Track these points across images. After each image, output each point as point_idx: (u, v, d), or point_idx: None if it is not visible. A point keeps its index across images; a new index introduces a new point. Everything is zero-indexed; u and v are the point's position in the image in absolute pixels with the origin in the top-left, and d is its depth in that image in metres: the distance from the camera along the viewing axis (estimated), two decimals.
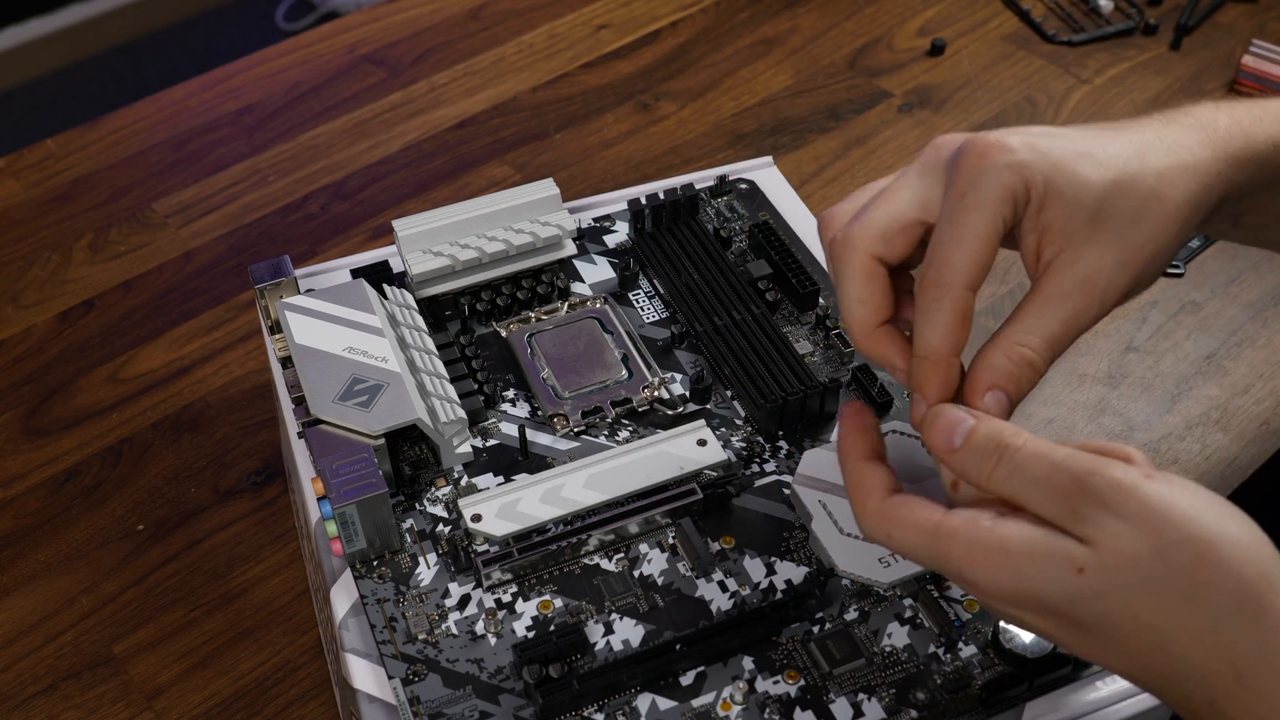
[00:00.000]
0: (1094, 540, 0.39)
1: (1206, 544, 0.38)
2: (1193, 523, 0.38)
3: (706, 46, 1.02)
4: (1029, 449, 0.41)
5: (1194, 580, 0.38)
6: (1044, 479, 0.40)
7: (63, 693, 0.63)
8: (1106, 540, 0.38)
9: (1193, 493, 0.39)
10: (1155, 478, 0.39)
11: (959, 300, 0.45)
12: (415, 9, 1.06)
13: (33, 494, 0.71)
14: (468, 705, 0.49)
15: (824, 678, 0.50)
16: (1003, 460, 0.41)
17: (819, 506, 0.53)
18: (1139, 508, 0.38)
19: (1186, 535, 0.38)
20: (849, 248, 0.47)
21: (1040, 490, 0.40)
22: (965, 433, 0.42)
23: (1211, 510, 0.39)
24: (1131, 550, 0.38)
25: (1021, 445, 0.41)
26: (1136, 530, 0.38)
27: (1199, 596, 0.38)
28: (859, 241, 0.47)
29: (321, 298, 0.58)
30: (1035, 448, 0.41)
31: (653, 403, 0.60)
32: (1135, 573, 0.38)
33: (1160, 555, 0.38)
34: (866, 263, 0.47)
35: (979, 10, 1.05)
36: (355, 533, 0.52)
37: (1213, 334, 0.79)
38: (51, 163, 0.93)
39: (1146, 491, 0.38)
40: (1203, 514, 0.39)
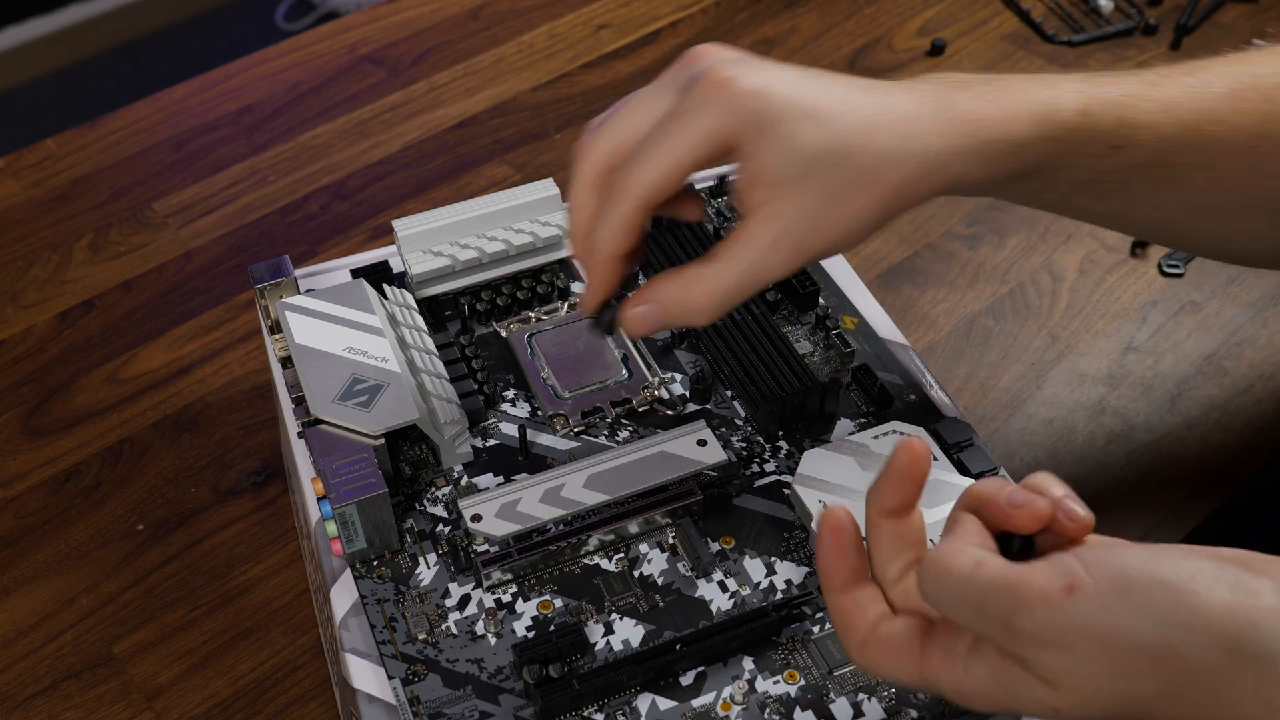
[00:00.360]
0: (1054, 683, 0.38)
1: (1159, 639, 0.37)
2: (1131, 620, 0.37)
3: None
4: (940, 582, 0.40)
5: (1161, 679, 0.37)
6: (977, 619, 0.39)
7: (63, 693, 0.63)
8: (1065, 680, 0.38)
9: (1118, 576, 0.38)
10: (1077, 588, 0.37)
11: (632, 213, 0.46)
12: (415, 9, 1.06)
13: (33, 494, 0.71)
14: (468, 705, 0.49)
15: (824, 678, 0.50)
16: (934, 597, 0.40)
17: (819, 506, 0.53)
18: (1076, 637, 0.37)
19: (1135, 643, 0.37)
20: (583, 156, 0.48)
21: (982, 627, 0.39)
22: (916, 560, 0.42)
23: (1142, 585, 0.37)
24: (1091, 681, 0.37)
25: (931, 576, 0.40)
26: (1084, 658, 0.37)
27: (1177, 693, 0.37)
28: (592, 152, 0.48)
29: (321, 298, 0.58)
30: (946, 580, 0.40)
31: (653, 403, 0.60)
32: (1105, 697, 0.38)
33: (1120, 673, 0.37)
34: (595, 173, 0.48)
35: (979, 10, 1.05)
36: (355, 533, 0.52)
37: (1213, 334, 0.79)
38: (51, 163, 0.93)
39: (1073, 616, 0.37)
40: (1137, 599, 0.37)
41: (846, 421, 0.59)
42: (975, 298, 0.81)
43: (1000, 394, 0.76)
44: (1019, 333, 0.79)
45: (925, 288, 0.82)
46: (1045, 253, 0.84)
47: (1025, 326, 0.80)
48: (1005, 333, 0.79)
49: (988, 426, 0.74)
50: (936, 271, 0.83)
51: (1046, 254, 0.84)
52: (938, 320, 0.80)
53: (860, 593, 0.44)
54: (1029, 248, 0.84)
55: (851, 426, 0.59)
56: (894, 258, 0.84)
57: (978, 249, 0.85)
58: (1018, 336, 0.79)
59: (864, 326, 0.63)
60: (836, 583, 0.44)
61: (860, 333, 0.63)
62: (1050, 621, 0.37)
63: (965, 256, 0.84)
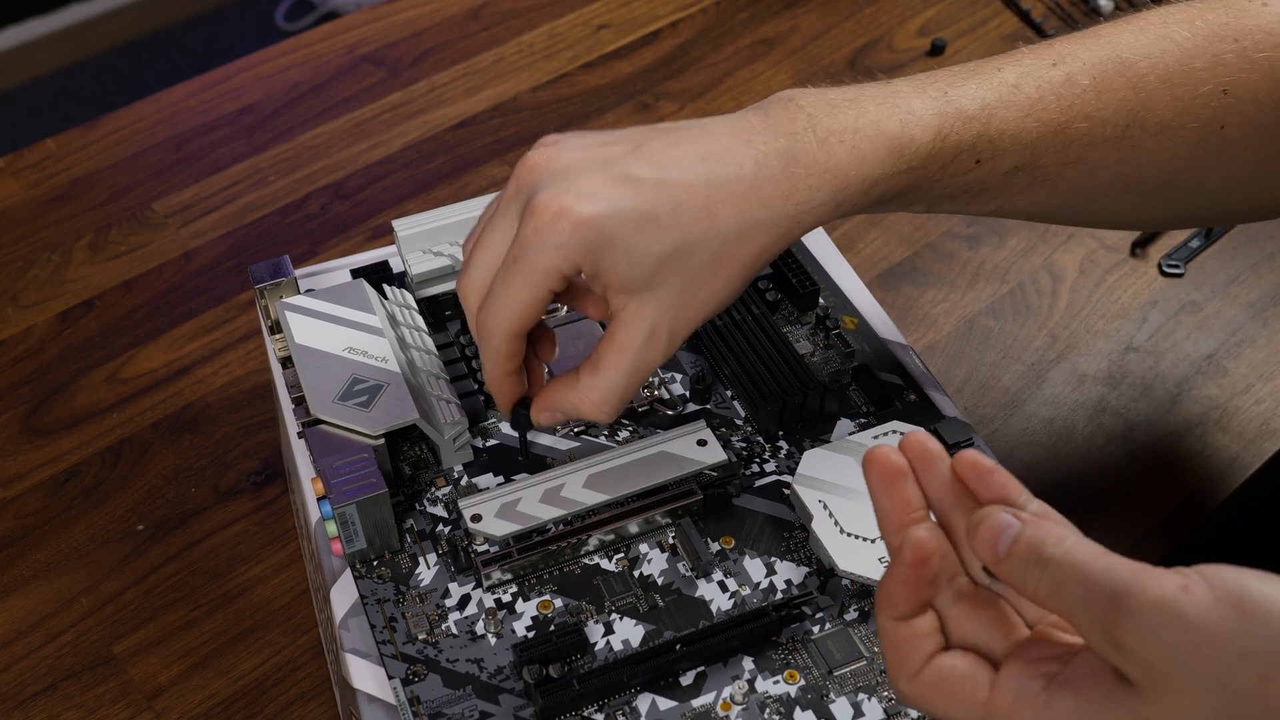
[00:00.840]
0: (1149, 688, 0.35)
1: (1270, 658, 0.34)
2: (1244, 634, 0.34)
3: (706, 46, 1.02)
4: (1067, 560, 0.37)
5: (1266, 705, 0.34)
6: (1082, 599, 0.37)
7: (63, 693, 0.63)
8: (1163, 685, 0.35)
9: (1235, 589, 0.35)
10: (1192, 588, 0.35)
11: (501, 344, 0.49)
12: (415, 9, 1.06)
13: (33, 494, 0.71)
14: (468, 705, 0.49)
15: (824, 678, 0.50)
16: (1045, 572, 0.38)
17: (819, 506, 0.53)
18: (1183, 632, 0.35)
19: (1244, 655, 0.34)
20: (465, 303, 0.50)
21: (1080, 612, 0.37)
22: (1010, 540, 0.38)
23: (1261, 606, 0.35)
24: (1191, 688, 0.35)
25: (1061, 556, 0.37)
26: (1189, 660, 0.34)
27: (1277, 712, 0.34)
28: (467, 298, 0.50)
29: (321, 298, 0.58)
30: (1073, 559, 0.37)
31: (653, 403, 0.60)
32: (1201, 711, 0.35)
33: (1223, 685, 0.34)
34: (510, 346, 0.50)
35: (979, 10, 1.05)
36: (355, 533, 0.52)
37: (1213, 334, 0.79)
38: (51, 163, 0.93)
39: (1187, 610, 0.35)
40: (1253, 615, 0.34)
41: (846, 421, 0.59)
42: (975, 298, 0.81)
43: (1000, 394, 0.76)
44: (1019, 333, 0.79)
45: (925, 288, 0.82)
46: (1045, 253, 0.84)
47: (1025, 326, 0.80)
48: (1005, 333, 0.79)
49: (988, 426, 0.74)
50: (936, 271, 0.83)
51: (1046, 254, 0.84)
52: (938, 320, 0.80)
53: (921, 622, 0.41)
54: (1029, 248, 0.84)
55: (851, 426, 0.59)
56: (894, 258, 0.84)
57: (978, 249, 0.85)
58: (1018, 336, 0.79)
59: (864, 326, 0.63)
60: (900, 609, 0.40)
61: (860, 333, 0.63)
62: (1161, 613, 0.35)
63: (965, 256, 0.84)
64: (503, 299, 0.48)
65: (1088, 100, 0.52)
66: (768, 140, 0.48)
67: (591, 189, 0.46)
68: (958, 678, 0.40)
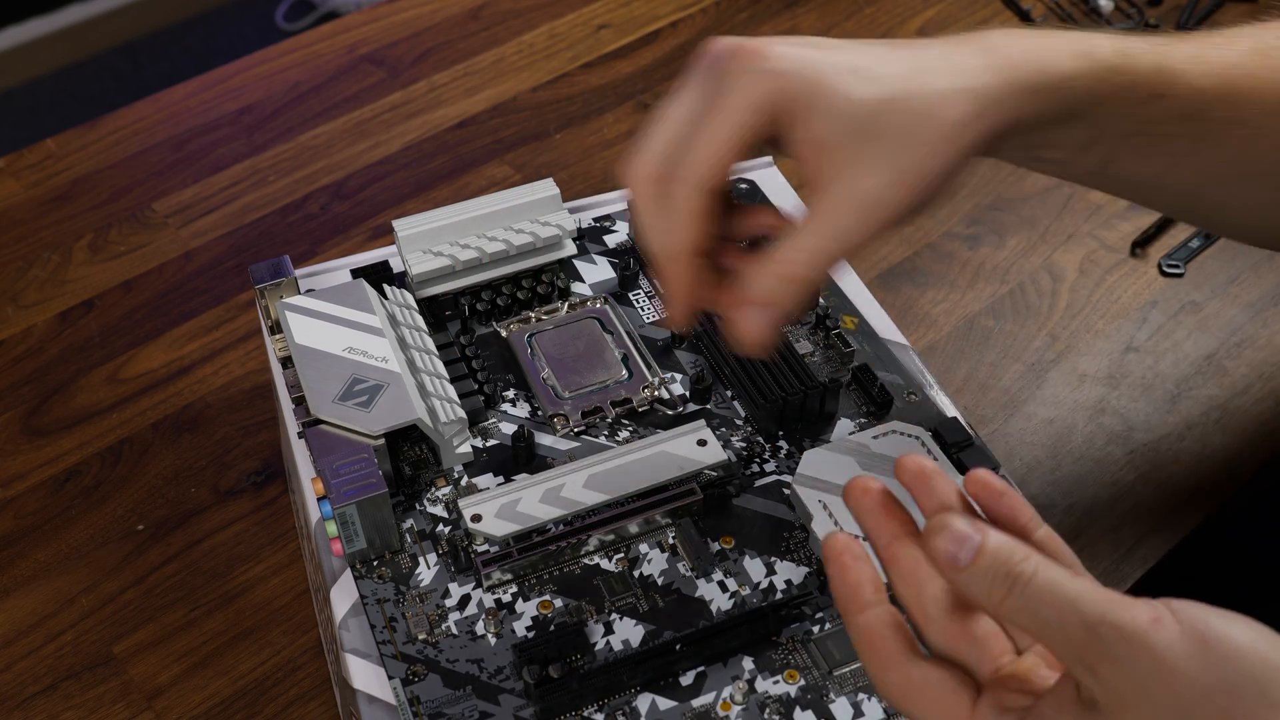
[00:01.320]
0: (1111, 712, 0.36)
1: (1231, 693, 0.35)
2: (1208, 669, 0.36)
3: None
4: (1040, 582, 0.37)
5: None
6: (1056, 623, 0.37)
7: (63, 693, 0.63)
8: (1129, 714, 0.36)
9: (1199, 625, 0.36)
10: (1162, 621, 0.36)
11: (693, 198, 0.44)
12: (415, 9, 1.06)
13: (33, 494, 0.71)
14: (468, 705, 0.49)
15: (824, 678, 0.50)
16: (1013, 592, 0.38)
17: (819, 506, 0.53)
18: (1152, 663, 0.36)
19: (1206, 687, 0.35)
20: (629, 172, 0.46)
21: (1054, 634, 0.37)
22: (971, 551, 0.38)
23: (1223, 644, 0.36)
24: (1151, 717, 0.36)
25: (1032, 576, 0.38)
26: (1154, 691, 0.36)
27: None
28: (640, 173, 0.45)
29: (321, 298, 0.58)
30: (1046, 581, 0.37)
31: (653, 403, 0.60)
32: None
33: (1186, 717, 0.35)
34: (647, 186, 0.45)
35: (979, 10, 1.05)
36: (355, 533, 0.52)
37: (1213, 334, 0.79)
38: (51, 163, 0.93)
39: (1156, 643, 0.36)
40: (1215, 652, 0.36)
41: (846, 421, 0.59)
42: (975, 298, 0.81)
43: (1000, 394, 0.76)
44: (1019, 333, 0.79)
45: (925, 288, 0.82)
46: (1045, 253, 0.84)
47: (1025, 326, 0.80)
48: (1005, 333, 0.79)
49: (988, 426, 0.74)
50: (936, 271, 0.83)
51: (1046, 254, 0.84)
52: (938, 320, 0.80)
53: (887, 620, 0.41)
54: (1029, 248, 0.84)
55: (851, 426, 0.59)
56: (894, 258, 0.84)
57: (978, 249, 0.85)
58: (1018, 336, 0.79)
59: (864, 326, 0.63)
60: (857, 603, 0.41)
61: (860, 333, 0.63)
62: (1132, 643, 0.36)
63: (965, 256, 0.84)
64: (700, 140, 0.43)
65: (1248, 61, 0.53)
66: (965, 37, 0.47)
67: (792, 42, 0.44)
68: (943, 690, 0.40)
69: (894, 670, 0.41)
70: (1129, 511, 0.70)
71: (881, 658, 0.41)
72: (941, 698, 0.40)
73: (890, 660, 0.41)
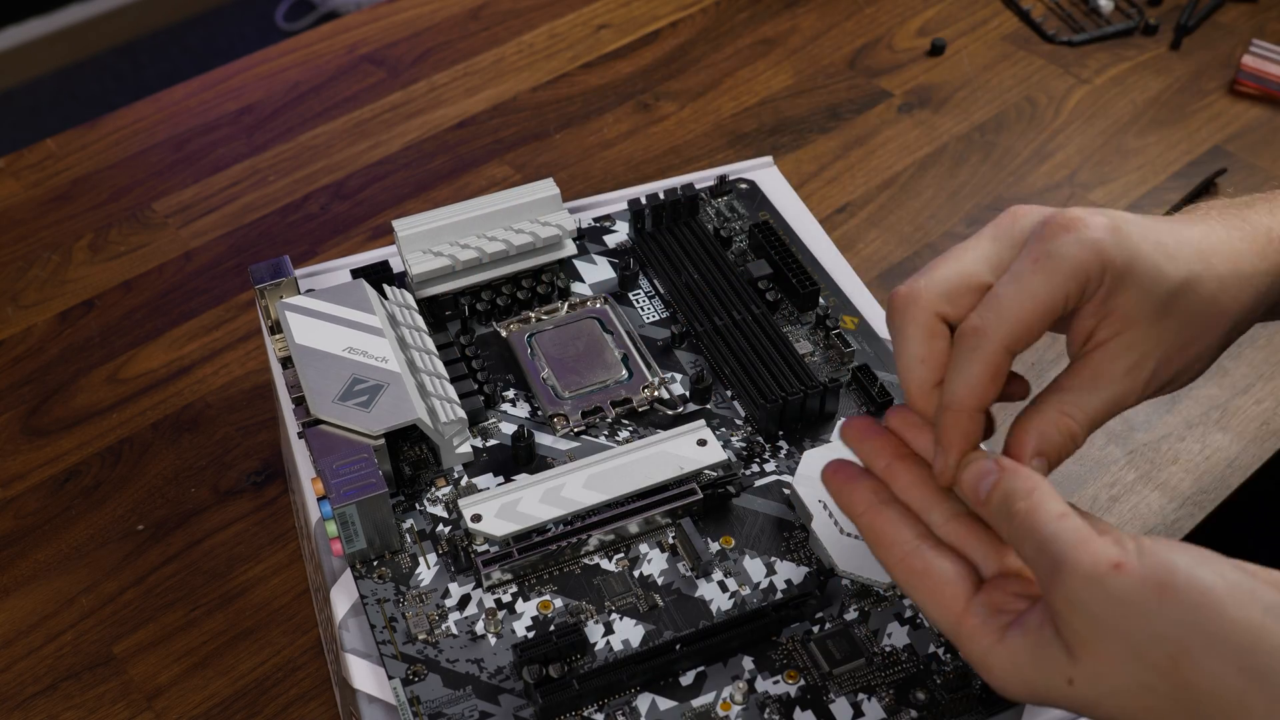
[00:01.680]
0: (1075, 650, 0.39)
1: (1179, 641, 0.37)
2: (1160, 616, 0.37)
3: (706, 46, 1.02)
4: (1026, 518, 0.41)
5: (1175, 681, 0.37)
6: (1033, 558, 0.40)
7: (63, 693, 0.63)
8: (1086, 650, 0.39)
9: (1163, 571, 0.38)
10: (1125, 566, 0.38)
11: (995, 355, 0.43)
12: (415, 9, 1.06)
13: (33, 494, 0.71)
14: (468, 705, 0.49)
15: (824, 678, 0.50)
16: (1011, 525, 0.41)
17: (819, 506, 0.53)
18: (1106, 606, 0.38)
19: (1155, 636, 0.37)
20: (913, 303, 0.45)
21: (1033, 568, 0.41)
22: (988, 487, 0.42)
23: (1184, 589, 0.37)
24: (1108, 658, 0.38)
25: (1022, 512, 0.41)
26: (1108, 635, 0.38)
27: (1185, 700, 0.37)
28: (923, 297, 0.44)
29: (321, 298, 0.58)
30: (1030, 519, 0.40)
31: (653, 403, 0.60)
32: (1118, 679, 0.38)
33: (1137, 660, 0.38)
34: (930, 320, 0.45)
35: (979, 10, 1.05)
36: (355, 533, 0.52)
37: None
38: (51, 163, 0.93)
39: (1110, 591, 0.38)
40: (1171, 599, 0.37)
41: None
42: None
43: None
44: None
45: None
46: None
47: None
48: None
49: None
50: None
51: None
52: None
53: (894, 512, 0.45)
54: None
55: None
56: (894, 258, 0.84)
57: None
58: None
59: (864, 326, 0.63)
60: (863, 502, 0.45)
61: (860, 333, 0.63)
62: (1090, 587, 0.38)
63: None
64: (1015, 295, 0.43)
65: None
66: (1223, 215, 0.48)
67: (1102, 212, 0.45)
68: (943, 580, 0.43)
69: (898, 551, 0.44)
70: (1129, 512, 0.70)
71: (888, 542, 0.44)
72: (939, 588, 0.43)
73: (895, 545, 0.44)
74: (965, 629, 0.42)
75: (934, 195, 0.88)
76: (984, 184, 0.89)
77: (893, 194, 0.89)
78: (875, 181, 0.90)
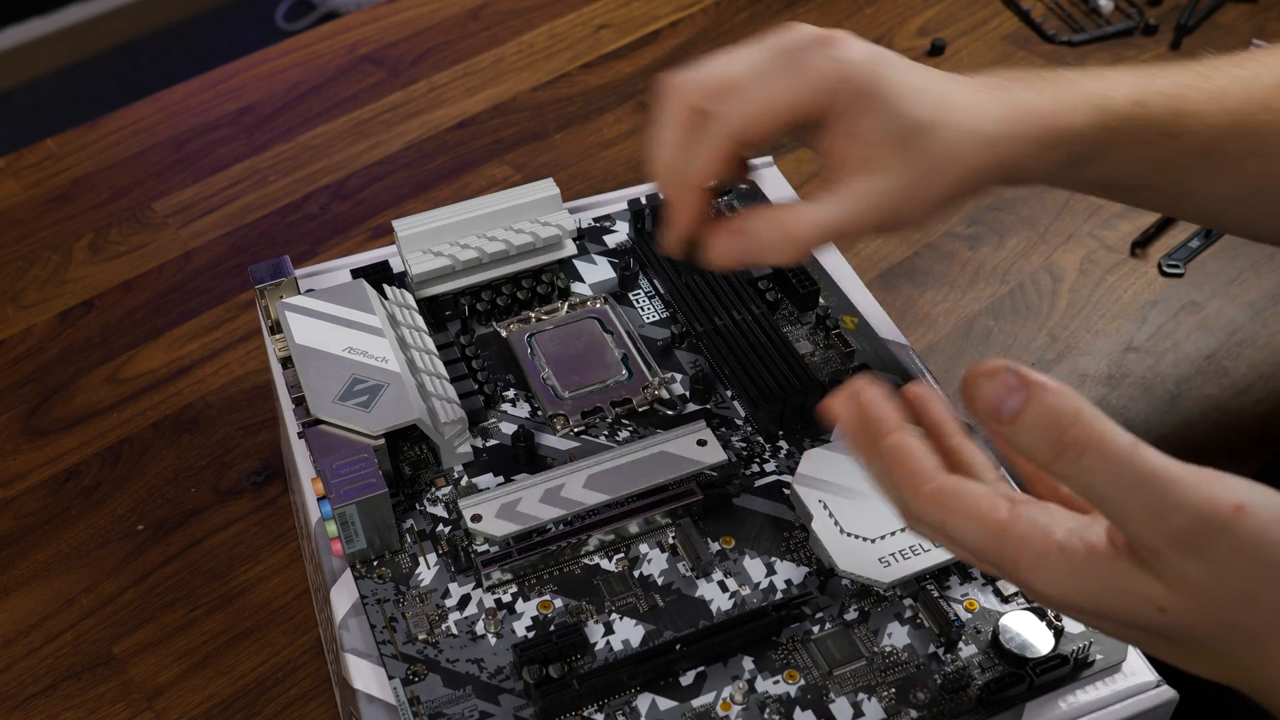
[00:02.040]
0: (1175, 582, 0.36)
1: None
2: None
3: (706, 46, 1.02)
4: (1094, 453, 0.36)
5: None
6: (1115, 499, 0.36)
7: (63, 693, 0.63)
8: (1190, 584, 0.35)
9: None
10: (1246, 512, 0.35)
11: (721, 140, 0.47)
12: (415, 9, 1.06)
13: (33, 494, 0.71)
14: (468, 705, 0.49)
15: (824, 678, 0.50)
16: (1064, 458, 0.36)
17: (819, 506, 0.53)
18: (1230, 554, 0.35)
19: None
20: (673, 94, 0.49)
21: (1110, 509, 0.36)
22: (1015, 408, 0.37)
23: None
24: (1217, 598, 0.35)
25: (1085, 444, 0.36)
26: (1224, 576, 0.35)
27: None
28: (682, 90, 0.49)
29: (321, 298, 0.58)
30: (1101, 453, 0.36)
31: (653, 403, 0.60)
32: (1223, 614, 0.36)
33: (1250, 604, 0.35)
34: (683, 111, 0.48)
35: (979, 10, 1.05)
36: (355, 533, 0.52)
37: (1213, 334, 0.79)
38: (51, 163, 0.93)
39: (1237, 535, 0.35)
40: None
41: None
42: (975, 298, 0.81)
43: None
44: (1019, 333, 0.79)
45: (925, 288, 0.82)
46: (1045, 253, 0.84)
47: (1025, 326, 0.80)
48: (1005, 333, 0.79)
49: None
50: (936, 271, 0.83)
51: (1046, 254, 0.84)
52: (938, 320, 0.80)
53: (916, 440, 0.40)
54: (1029, 248, 0.84)
55: None
56: (894, 258, 0.84)
57: (978, 249, 0.85)
58: (1018, 336, 0.79)
59: (864, 326, 0.63)
60: (884, 427, 0.41)
61: (860, 333, 0.63)
62: (1208, 532, 0.35)
63: (965, 256, 0.84)
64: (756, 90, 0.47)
65: (1272, 95, 0.55)
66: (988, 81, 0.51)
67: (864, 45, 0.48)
68: (976, 495, 0.39)
69: (927, 483, 0.39)
70: None
71: (912, 473, 0.40)
72: (976, 502, 0.39)
73: (921, 474, 0.39)
74: (1015, 535, 0.38)
75: None
76: None
77: None
78: None
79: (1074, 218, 0.86)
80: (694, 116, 0.48)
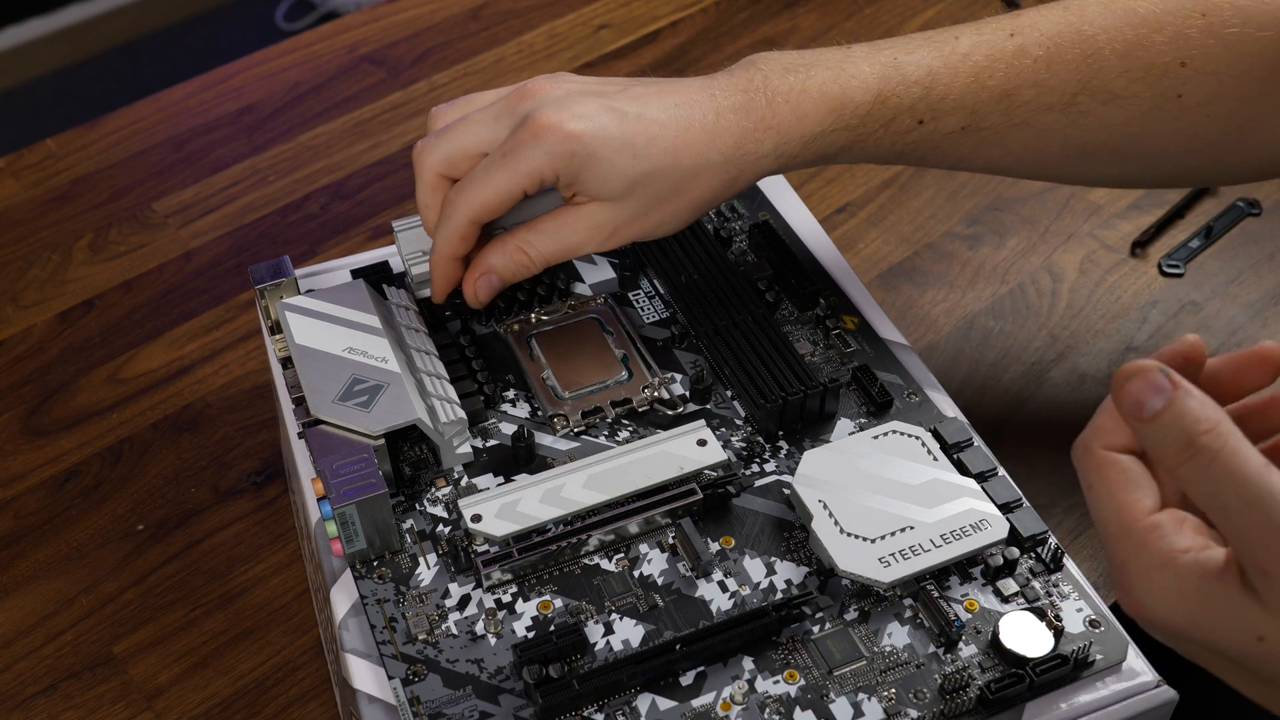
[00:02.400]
0: (1276, 608, 0.35)
1: None
2: None
3: (706, 46, 1.02)
4: (1224, 463, 0.36)
5: None
6: (1234, 510, 0.36)
7: (63, 693, 0.63)
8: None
9: None
10: None
11: (464, 226, 0.55)
12: (415, 9, 1.06)
13: (33, 494, 0.71)
14: (468, 705, 0.49)
15: (824, 678, 0.50)
16: (1193, 462, 0.36)
17: (819, 506, 0.53)
18: None
19: None
20: (420, 163, 0.57)
21: (1228, 522, 0.36)
22: (1156, 409, 0.37)
23: None
24: None
25: (1217, 452, 0.36)
26: None
27: None
28: (427, 161, 0.56)
29: (321, 298, 0.58)
30: (1231, 465, 0.36)
31: (653, 403, 0.60)
32: None
33: None
34: (433, 178, 0.57)
35: (979, 10, 1.05)
36: (355, 533, 0.52)
37: (1213, 334, 0.79)
38: (51, 163, 0.93)
39: None
40: None
41: (846, 421, 0.59)
42: (975, 298, 0.81)
43: (1000, 394, 0.76)
44: (1019, 333, 0.79)
45: (925, 288, 0.82)
46: (1045, 253, 0.84)
47: (1025, 326, 0.80)
48: (1005, 333, 0.79)
49: (988, 426, 0.74)
50: (936, 271, 0.83)
51: (1046, 254, 0.84)
52: (938, 320, 0.80)
53: None
54: (1029, 248, 0.84)
55: (851, 427, 0.59)
56: (894, 258, 0.84)
57: (978, 249, 0.85)
58: (1018, 336, 0.79)
59: (864, 326, 0.63)
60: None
61: (860, 333, 0.63)
62: None
63: (965, 256, 0.84)
64: (481, 183, 0.54)
65: (1037, 70, 0.56)
66: (728, 95, 0.55)
67: (584, 112, 0.54)
68: (1126, 480, 0.39)
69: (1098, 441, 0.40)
70: None
71: (1095, 427, 0.41)
72: (1128, 486, 0.39)
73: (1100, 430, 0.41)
74: (1137, 533, 0.38)
75: (934, 195, 0.88)
76: (984, 183, 0.89)
77: (893, 194, 0.89)
78: (875, 181, 0.90)
79: (1074, 218, 0.86)
80: (442, 182, 0.57)
